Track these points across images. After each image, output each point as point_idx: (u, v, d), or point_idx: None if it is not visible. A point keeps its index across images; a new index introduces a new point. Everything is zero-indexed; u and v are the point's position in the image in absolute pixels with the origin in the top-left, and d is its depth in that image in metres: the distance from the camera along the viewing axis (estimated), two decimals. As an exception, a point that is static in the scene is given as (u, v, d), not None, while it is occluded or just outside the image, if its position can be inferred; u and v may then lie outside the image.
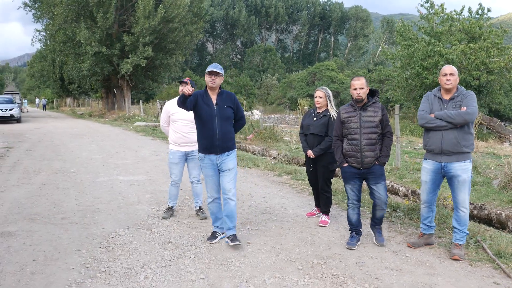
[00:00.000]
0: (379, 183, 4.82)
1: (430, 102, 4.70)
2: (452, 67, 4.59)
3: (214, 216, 5.05)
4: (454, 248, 4.53)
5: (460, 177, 4.50)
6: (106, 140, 16.21)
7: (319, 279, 3.99)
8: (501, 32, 20.45)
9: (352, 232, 4.99)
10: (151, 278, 4.00)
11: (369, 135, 4.74)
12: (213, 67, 4.72)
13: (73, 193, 7.44)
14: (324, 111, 5.75)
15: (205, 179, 4.97)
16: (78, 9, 28.64)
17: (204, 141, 4.83)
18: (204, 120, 4.76)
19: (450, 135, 4.49)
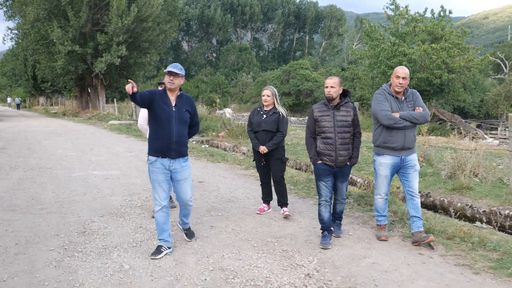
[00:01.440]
0: (345, 182, 5.06)
1: (388, 101, 4.85)
2: (406, 71, 4.83)
3: (160, 228, 4.60)
4: (420, 234, 4.79)
5: (416, 167, 4.93)
6: (80, 138, 16.54)
7: (271, 253, 4.59)
8: (462, 33, 21.48)
9: (324, 231, 4.97)
10: (123, 255, 4.53)
11: (343, 134, 4.88)
12: (173, 67, 4.52)
13: (50, 187, 7.88)
14: (273, 108, 5.98)
15: (153, 185, 4.60)
16: (50, 7, 28.61)
17: (159, 143, 4.55)
18: (161, 121, 4.53)
19: (410, 133, 4.84)
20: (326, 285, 3.84)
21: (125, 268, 4.21)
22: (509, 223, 6.55)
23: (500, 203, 6.89)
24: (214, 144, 16.11)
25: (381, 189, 5.07)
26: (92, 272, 4.12)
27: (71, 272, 4.11)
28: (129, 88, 4.14)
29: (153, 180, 4.60)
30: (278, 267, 4.24)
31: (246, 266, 4.26)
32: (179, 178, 4.64)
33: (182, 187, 4.68)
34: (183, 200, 4.77)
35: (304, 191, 7.54)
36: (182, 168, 4.64)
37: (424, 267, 4.23)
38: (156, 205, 4.59)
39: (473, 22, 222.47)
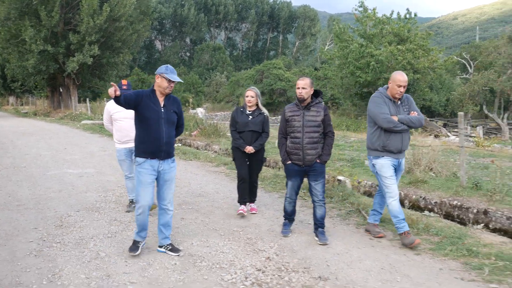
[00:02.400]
0: (319, 180, 5.06)
1: (386, 104, 4.94)
2: (406, 79, 4.94)
3: (141, 228, 4.65)
4: (375, 228, 5.24)
5: (403, 167, 5.24)
6: (53, 138, 16.64)
7: (236, 241, 5.03)
8: (426, 35, 22.33)
9: (286, 220, 5.29)
10: (99, 245, 4.90)
11: (311, 134, 4.96)
12: (173, 73, 4.52)
13: (26, 185, 8.13)
14: (257, 109, 6.06)
15: (140, 187, 4.55)
16: (21, 6, 28.38)
17: (149, 145, 4.51)
18: (150, 122, 4.48)
19: (406, 136, 4.99)
20: (283, 266, 4.29)
21: (101, 255, 4.58)
22: (457, 213, 7.14)
23: (450, 194, 7.48)
24: (187, 143, 16.44)
25: (393, 191, 4.95)
26: (70, 259, 4.47)
27: (51, 260, 4.45)
28: (112, 92, 4.11)
29: (140, 181, 4.53)
30: (242, 252, 4.68)
31: (213, 251, 4.69)
32: (167, 178, 4.63)
33: (168, 187, 4.66)
34: (167, 200, 4.68)
35: (270, 186, 8.01)
36: (170, 168, 4.65)
37: (372, 249, 4.73)
38: (139, 208, 4.54)
39: (443, 23, 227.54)
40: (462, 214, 7.08)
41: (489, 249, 4.68)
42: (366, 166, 10.13)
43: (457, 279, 4.00)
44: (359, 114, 25.25)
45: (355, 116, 25.10)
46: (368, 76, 21.23)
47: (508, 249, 4.70)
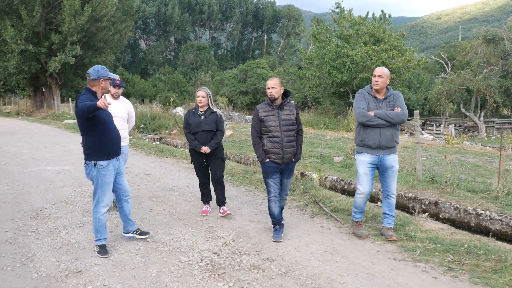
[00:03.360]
0: (290, 177, 5.36)
1: (366, 100, 5.00)
2: (382, 70, 5.00)
3: (103, 229, 4.70)
4: (388, 231, 5.12)
5: (394, 168, 5.07)
6: (34, 136, 16.89)
7: (198, 229, 5.47)
8: (400, 35, 22.97)
9: (276, 225, 5.24)
10: (71, 233, 5.30)
11: (288, 132, 5.10)
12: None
13: (5, 181, 8.47)
14: (208, 109, 6.06)
15: (104, 189, 4.67)
16: (2, 6, 28.45)
17: (110, 147, 4.66)
18: (107, 124, 4.64)
19: (386, 132, 4.93)
20: (237, 250, 4.75)
21: (71, 242, 4.99)
22: (412, 204, 7.67)
23: (406, 188, 8.01)
24: (167, 142, 16.83)
25: (363, 188, 5.11)
26: (43, 246, 4.87)
27: (25, 247, 4.85)
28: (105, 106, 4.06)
29: (104, 183, 4.64)
30: (202, 238, 5.12)
31: (175, 238, 5.12)
32: (122, 171, 4.90)
33: (121, 179, 4.90)
34: (124, 192, 4.92)
35: (239, 180, 8.45)
36: (120, 161, 4.92)
37: (320, 236, 5.21)
38: (103, 207, 4.67)
39: (427, 22, 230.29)
40: (416, 205, 7.62)
41: (426, 235, 5.18)
42: (334, 162, 10.63)
43: (390, 259, 4.49)
44: (338, 113, 25.83)
45: (334, 115, 25.68)
46: (344, 76, 21.83)
47: (443, 235, 5.21)
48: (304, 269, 4.24)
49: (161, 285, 3.88)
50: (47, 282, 3.94)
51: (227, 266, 4.31)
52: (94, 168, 4.60)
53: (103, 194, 4.68)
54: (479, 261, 4.36)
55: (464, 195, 7.19)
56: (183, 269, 4.22)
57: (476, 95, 32.87)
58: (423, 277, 4.05)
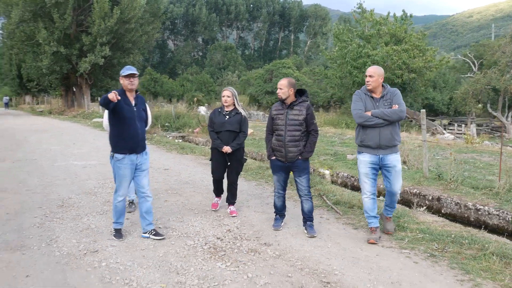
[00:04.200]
0: (302, 176, 5.29)
1: (362, 100, 5.01)
2: (374, 69, 5.01)
3: (119, 214, 5.12)
4: (386, 220, 5.35)
5: (396, 167, 5.03)
6: (64, 134, 17.74)
7: (207, 218, 5.94)
8: (422, 35, 23.01)
9: (277, 215, 5.56)
10: (91, 220, 5.85)
11: (293, 132, 5.16)
12: (129, 69, 4.90)
13: (35, 174, 9.14)
14: (234, 109, 6.13)
15: (120, 180, 5.02)
16: (35, 9, 29.62)
17: (128, 142, 4.92)
18: (127, 121, 4.87)
19: (386, 131, 4.89)
20: (239, 236, 5.20)
21: (91, 227, 5.53)
22: (416, 200, 7.98)
23: (412, 184, 8.31)
24: (190, 140, 17.42)
25: (365, 188, 5.12)
26: (66, 230, 5.43)
27: (50, 230, 5.41)
28: (114, 97, 4.50)
29: (121, 175, 4.98)
30: (209, 226, 5.59)
31: (185, 225, 5.61)
32: (144, 169, 5.12)
33: (145, 176, 5.14)
34: (146, 187, 5.14)
35: (252, 176, 8.90)
36: (145, 160, 5.15)
37: (318, 225, 5.60)
38: (120, 196, 5.03)
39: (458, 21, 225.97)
40: (420, 201, 7.93)
41: (418, 226, 5.52)
42: (347, 160, 10.97)
43: (378, 246, 4.86)
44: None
45: (355, 115, 25.74)
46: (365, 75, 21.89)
47: (435, 226, 5.54)
48: (296, 252, 4.66)
49: (166, 263, 4.36)
50: (67, 259, 4.47)
51: (227, 249, 4.76)
52: (112, 159, 5.06)
53: (119, 184, 5.04)
54: (462, 249, 4.69)
55: (467, 192, 7.45)
56: (188, 251, 4.69)
57: (504, 95, 32.44)
58: (405, 262, 4.41)
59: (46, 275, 4.10)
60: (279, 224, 5.46)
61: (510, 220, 6.39)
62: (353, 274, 4.11)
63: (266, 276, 4.07)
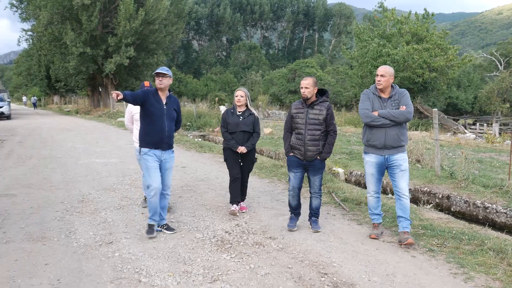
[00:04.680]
0: (317, 175, 5.39)
1: (370, 100, 5.01)
2: (385, 69, 5.00)
3: (154, 210, 5.18)
4: (404, 235, 4.86)
5: (402, 167, 4.96)
6: (89, 133, 18.29)
7: (218, 213, 6.20)
8: (443, 34, 22.81)
9: (292, 214, 5.58)
10: (109, 214, 6.17)
11: (313, 131, 5.20)
12: (160, 69, 5.12)
13: (59, 171, 9.56)
14: (247, 110, 6.19)
15: (148, 171, 5.14)
16: (63, 11, 30.46)
17: (153, 137, 5.14)
18: (154, 117, 5.11)
19: (392, 131, 4.87)
20: (247, 230, 5.43)
21: (108, 220, 5.85)
22: (426, 198, 8.07)
23: (423, 182, 8.41)
24: (209, 138, 17.75)
25: (369, 187, 5.20)
26: (84, 223, 5.76)
27: (70, 223, 5.75)
28: (115, 96, 4.67)
29: (147, 167, 5.14)
30: (219, 221, 5.84)
31: (196, 220, 5.88)
32: (167, 167, 5.31)
33: (168, 174, 5.33)
34: (167, 186, 5.36)
35: (265, 173, 9.13)
36: (170, 158, 5.34)
37: (324, 220, 5.80)
38: (151, 190, 5.10)
39: (487, 18, 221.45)
40: (430, 199, 8.03)
41: (422, 222, 5.67)
42: (362, 159, 11.09)
43: (379, 241, 5.04)
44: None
45: (377, 114, 25.68)
46: (385, 75, 21.89)
47: (439, 223, 5.67)
48: (299, 246, 4.87)
49: (175, 254, 4.63)
50: (84, 249, 4.78)
51: (234, 242, 5.01)
52: (139, 153, 5.33)
53: (149, 177, 5.14)
54: (461, 245, 4.82)
55: (476, 190, 7.53)
56: (196, 243, 4.96)
57: (531, 94, 31.88)
58: (402, 256, 4.58)
59: (63, 263, 4.41)
60: (294, 224, 5.49)
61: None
62: (351, 266, 4.30)
63: (268, 267, 4.29)
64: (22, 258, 4.54)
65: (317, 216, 5.49)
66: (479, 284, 3.90)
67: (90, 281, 4.00)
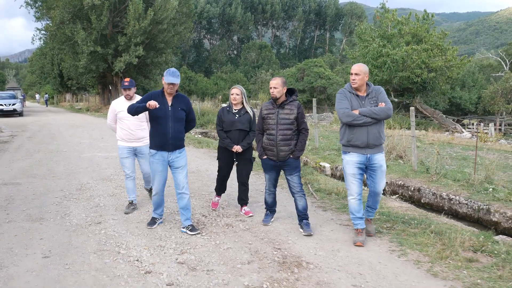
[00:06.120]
0: (294, 174, 5.36)
1: (348, 99, 4.90)
2: (359, 67, 4.89)
3: (156, 206, 5.54)
4: (367, 222, 5.22)
5: (382, 167, 4.98)
6: (96, 129, 19.08)
7: (200, 200, 6.86)
8: (442, 35, 23.23)
9: (267, 211, 5.74)
10: (102, 200, 6.87)
11: (284, 131, 5.24)
12: (172, 77, 5.05)
13: (62, 163, 10.29)
14: (243, 108, 6.07)
15: (153, 174, 5.33)
16: (74, 11, 31.32)
17: (158, 139, 5.19)
18: (159, 120, 5.14)
19: (374, 129, 4.82)
20: (222, 214, 6.09)
21: (100, 205, 6.54)
22: (401, 190, 8.65)
23: (399, 176, 8.98)
24: (211, 135, 18.43)
25: (352, 189, 5.02)
26: (79, 207, 6.45)
27: (66, 208, 6.44)
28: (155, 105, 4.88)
29: (153, 170, 5.33)
30: (199, 206, 6.50)
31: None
32: (176, 166, 5.32)
33: (177, 174, 5.34)
34: (181, 185, 5.35)
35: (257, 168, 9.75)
36: (178, 158, 5.31)
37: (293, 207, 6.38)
38: (154, 190, 5.43)
39: (502, 17, 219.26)
40: (404, 191, 8.61)
41: (381, 210, 6.23)
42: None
43: (336, 224, 5.66)
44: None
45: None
46: (384, 74, 22.52)
47: (397, 211, 6.25)
48: (263, 227, 5.50)
49: (153, 232, 5.30)
50: (75, 228, 5.47)
51: (208, 223, 5.66)
52: (149, 154, 5.45)
53: (153, 179, 5.39)
54: (408, 228, 5.41)
55: (446, 183, 8.08)
56: (174, 224, 5.62)
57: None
58: (350, 234, 5.18)
59: (55, 238, 5.09)
60: (269, 220, 5.67)
61: (476, 208, 7.02)
62: (303, 244, 4.92)
63: (231, 243, 4.93)
64: (21, 234, 5.23)
65: (307, 218, 5.42)
66: (410, 259, 4.49)
67: (77, 252, 4.67)
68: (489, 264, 4.32)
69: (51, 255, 4.56)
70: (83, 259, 4.46)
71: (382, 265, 4.35)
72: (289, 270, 4.19)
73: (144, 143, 6.22)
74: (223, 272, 4.15)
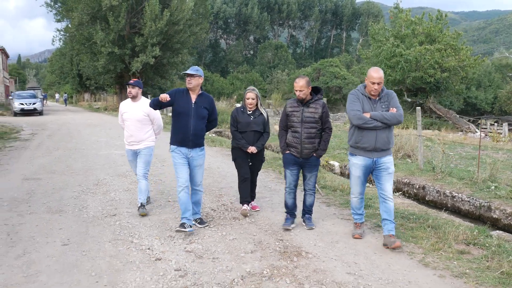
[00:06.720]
0: (312, 172, 5.49)
1: (360, 100, 4.87)
2: (380, 75, 4.81)
3: (184, 207, 5.22)
4: (390, 238, 4.83)
5: (389, 170, 4.95)
6: (113, 128, 19.56)
7: (210, 195, 7.19)
8: (456, 35, 23.24)
9: (287, 214, 5.64)
10: (117, 194, 7.25)
11: (309, 129, 5.29)
12: (189, 69, 5.22)
13: (81, 160, 10.73)
14: (258, 110, 6.13)
15: (175, 168, 5.31)
16: (93, 13, 31.97)
17: (178, 135, 5.26)
18: (181, 116, 5.21)
19: (383, 134, 4.81)
20: (230, 208, 6.41)
21: (116, 199, 6.92)
22: (406, 188, 8.88)
23: (404, 174, 9.20)
24: (225, 135, 18.78)
25: (355, 189, 5.16)
26: (95, 201, 6.84)
27: (84, 201, 6.83)
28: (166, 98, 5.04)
29: (175, 163, 5.32)
30: (209, 200, 6.83)
31: (189, 200, 6.87)
32: (195, 164, 5.41)
33: (197, 172, 5.46)
34: (197, 183, 5.51)
35: (266, 166, 10.05)
36: (198, 156, 5.40)
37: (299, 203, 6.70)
38: (179, 187, 5.27)
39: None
40: (409, 189, 8.84)
41: (384, 205, 6.49)
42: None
43: (338, 218, 5.94)
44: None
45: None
46: (398, 74, 22.63)
47: (399, 206, 6.49)
48: (268, 220, 5.81)
49: (165, 224, 5.64)
50: (92, 219, 5.84)
51: (216, 217, 5.98)
52: (169, 150, 5.47)
53: (176, 174, 5.35)
54: (407, 223, 5.67)
55: (450, 181, 8.30)
56: (184, 217, 5.95)
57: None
58: (350, 228, 5.46)
59: (74, 228, 5.47)
60: (289, 224, 5.52)
61: (477, 206, 7.23)
62: (305, 236, 5.22)
63: (237, 234, 5.25)
64: (42, 224, 5.62)
65: (311, 214, 5.62)
66: (405, 250, 4.75)
67: (93, 241, 5.04)
68: (479, 256, 4.56)
69: (70, 243, 4.93)
70: (99, 247, 4.82)
71: (377, 255, 4.62)
72: (289, 258, 4.49)
73: (143, 145, 6.31)
74: (228, 260, 4.47)
